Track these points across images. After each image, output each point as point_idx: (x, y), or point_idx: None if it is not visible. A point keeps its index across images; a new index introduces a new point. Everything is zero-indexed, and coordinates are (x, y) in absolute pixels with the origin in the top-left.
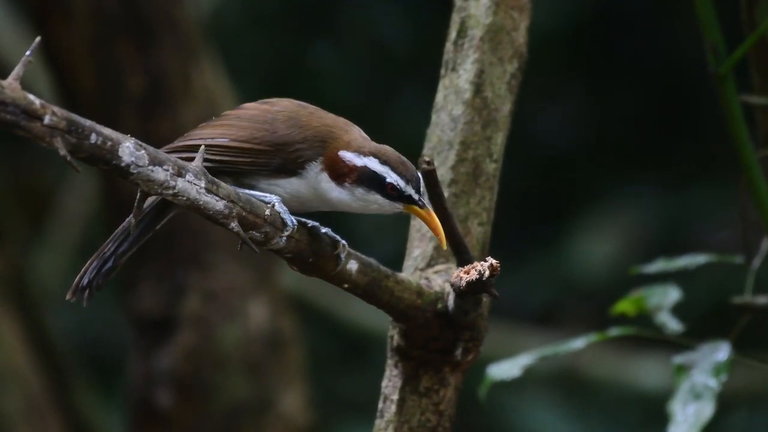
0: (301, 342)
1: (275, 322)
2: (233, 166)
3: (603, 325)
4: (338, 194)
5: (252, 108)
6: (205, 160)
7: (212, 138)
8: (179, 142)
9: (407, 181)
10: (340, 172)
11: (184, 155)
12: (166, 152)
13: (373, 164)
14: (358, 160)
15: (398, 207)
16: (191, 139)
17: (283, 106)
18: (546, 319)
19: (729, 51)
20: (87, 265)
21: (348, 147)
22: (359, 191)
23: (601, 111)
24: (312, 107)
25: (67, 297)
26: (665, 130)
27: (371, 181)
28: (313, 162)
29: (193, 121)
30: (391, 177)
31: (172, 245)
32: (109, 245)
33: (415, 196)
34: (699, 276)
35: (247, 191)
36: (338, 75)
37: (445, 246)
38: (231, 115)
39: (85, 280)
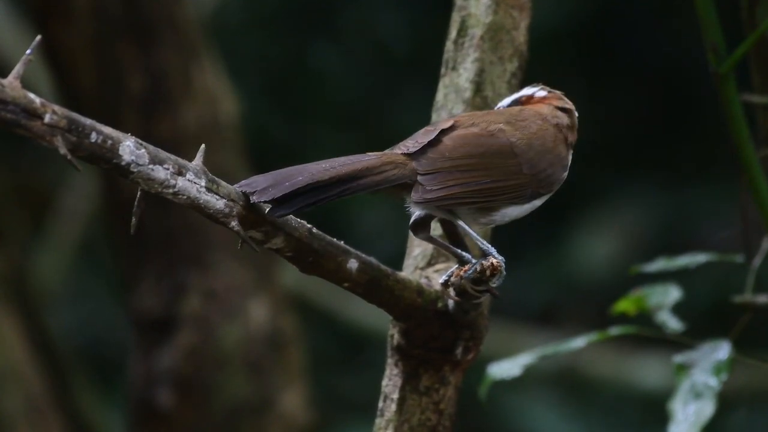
0: (301, 342)
1: (275, 321)
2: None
3: (603, 325)
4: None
5: (487, 140)
6: (467, 202)
7: (474, 180)
8: (438, 188)
9: None
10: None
11: (448, 203)
12: (425, 201)
13: None
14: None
15: None
16: (451, 185)
17: (508, 133)
18: (546, 318)
19: (729, 50)
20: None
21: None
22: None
23: (601, 110)
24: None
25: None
26: (666, 130)
27: None
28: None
29: (193, 120)
30: None
31: (173, 245)
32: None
33: None
34: (699, 275)
35: (473, 234)
36: (338, 75)
37: None
38: (471, 150)
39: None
